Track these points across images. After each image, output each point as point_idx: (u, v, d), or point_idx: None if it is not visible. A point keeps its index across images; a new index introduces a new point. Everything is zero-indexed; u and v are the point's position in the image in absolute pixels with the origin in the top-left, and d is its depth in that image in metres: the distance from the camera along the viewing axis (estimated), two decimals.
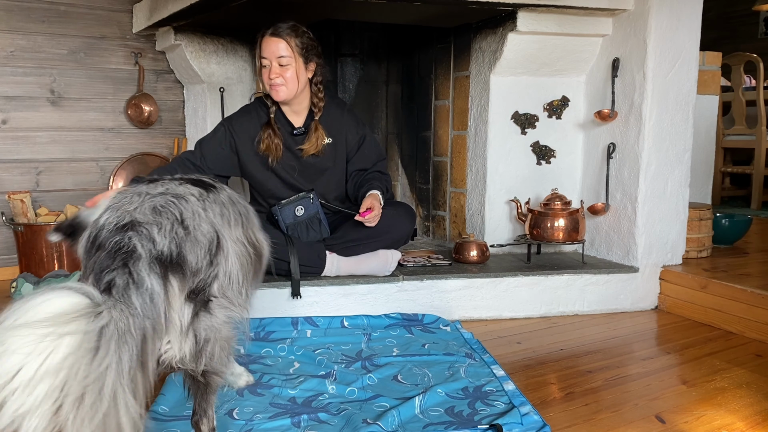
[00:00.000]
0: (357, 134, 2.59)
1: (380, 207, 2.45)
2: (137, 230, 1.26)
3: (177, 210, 1.32)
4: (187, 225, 1.32)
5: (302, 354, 2.11)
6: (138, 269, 1.20)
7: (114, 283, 1.17)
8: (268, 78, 2.39)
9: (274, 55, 2.36)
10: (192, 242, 1.30)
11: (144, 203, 1.32)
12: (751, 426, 1.69)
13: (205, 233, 1.34)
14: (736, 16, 6.68)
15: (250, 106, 2.58)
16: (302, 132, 2.51)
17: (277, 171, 2.52)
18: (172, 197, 1.35)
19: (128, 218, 1.28)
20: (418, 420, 1.67)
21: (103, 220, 1.30)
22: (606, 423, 1.70)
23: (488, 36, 2.88)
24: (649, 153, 2.69)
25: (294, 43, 2.37)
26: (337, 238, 2.52)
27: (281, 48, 2.36)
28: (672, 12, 2.64)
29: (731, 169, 5.12)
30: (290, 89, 2.39)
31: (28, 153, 3.27)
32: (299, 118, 2.53)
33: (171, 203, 1.33)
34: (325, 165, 2.56)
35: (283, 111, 2.51)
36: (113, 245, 1.24)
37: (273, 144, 2.47)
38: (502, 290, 2.60)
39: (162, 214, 1.30)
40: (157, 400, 1.71)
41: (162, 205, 1.32)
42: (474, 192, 3.04)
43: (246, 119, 2.53)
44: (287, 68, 2.37)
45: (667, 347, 2.31)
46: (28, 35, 3.22)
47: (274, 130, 2.48)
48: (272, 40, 2.37)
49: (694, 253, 2.98)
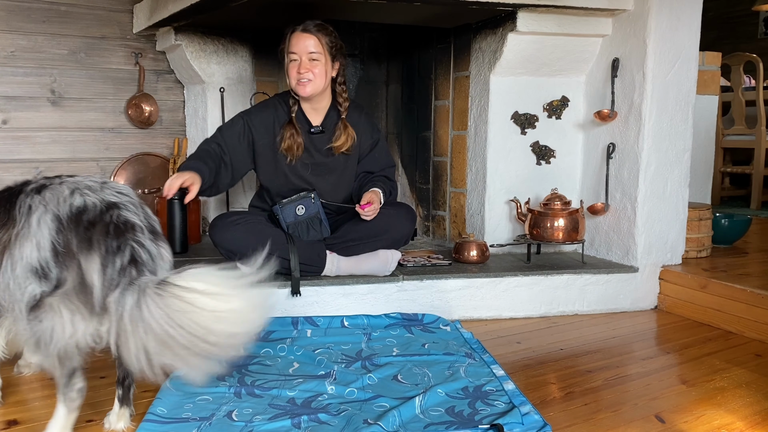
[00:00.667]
0: (371, 138, 2.63)
1: (379, 203, 2.46)
2: (122, 208, 1.46)
3: (129, 192, 1.54)
4: (142, 206, 1.54)
5: (302, 354, 2.11)
6: (143, 239, 1.43)
7: (135, 258, 1.40)
8: (296, 73, 2.41)
9: (305, 50, 2.39)
10: (153, 219, 1.54)
11: (103, 189, 1.51)
12: (751, 426, 1.70)
13: (151, 214, 1.56)
14: (736, 16, 6.68)
15: (269, 102, 2.60)
16: (320, 131, 2.54)
17: (290, 168, 2.54)
18: (115, 184, 1.56)
19: (107, 199, 1.47)
20: (419, 420, 1.67)
21: (79, 202, 1.45)
22: (606, 423, 1.70)
23: (488, 36, 2.88)
24: (648, 153, 2.70)
25: (324, 40, 2.41)
26: (337, 238, 2.53)
27: (311, 44, 2.39)
28: (672, 12, 2.64)
29: (731, 169, 5.12)
30: (317, 85, 2.42)
31: (29, 153, 3.27)
32: (318, 117, 2.55)
33: (122, 187, 1.55)
34: (338, 165, 2.58)
35: (303, 109, 2.53)
36: (115, 220, 1.43)
37: (295, 143, 2.49)
38: (501, 290, 2.61)
39: (126, 197, 1.51)
40: (154, 403, 1.71)
41: (119, 189, 1.53)
42: (474, 192, 3.04)
43: (265, 114, 2.54)
44: (316, 64, 2.40)
45: (667, 347, 2.32)
46: (28, 35, 3.23)
47: (297, 130, 2.50)
48: (303, 36, 2.40)
49: (694, 253, 2.98)
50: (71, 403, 1.48)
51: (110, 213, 1.44)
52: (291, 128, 2.50)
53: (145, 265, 1.41)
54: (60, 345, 1.41)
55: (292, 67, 2.42)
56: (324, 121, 2.55)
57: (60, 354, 1.42)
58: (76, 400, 1.48)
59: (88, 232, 1.40)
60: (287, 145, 2.50)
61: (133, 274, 1.38)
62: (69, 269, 1.39)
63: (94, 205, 1.44)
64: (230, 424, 1.62)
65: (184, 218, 2.88)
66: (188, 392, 1.80)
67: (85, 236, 1.40)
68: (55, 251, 1.39)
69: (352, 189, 2.64)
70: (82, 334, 1.42)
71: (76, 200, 1.44)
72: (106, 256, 1.39)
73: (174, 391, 1.80)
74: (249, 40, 3.35)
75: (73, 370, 1.46)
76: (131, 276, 1.38)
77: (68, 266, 1.39)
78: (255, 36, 3.35)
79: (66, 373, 1.46)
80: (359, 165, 2.63)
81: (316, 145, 2.54)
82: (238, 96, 3.37)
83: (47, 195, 1.46)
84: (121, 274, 1.37)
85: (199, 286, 1.31)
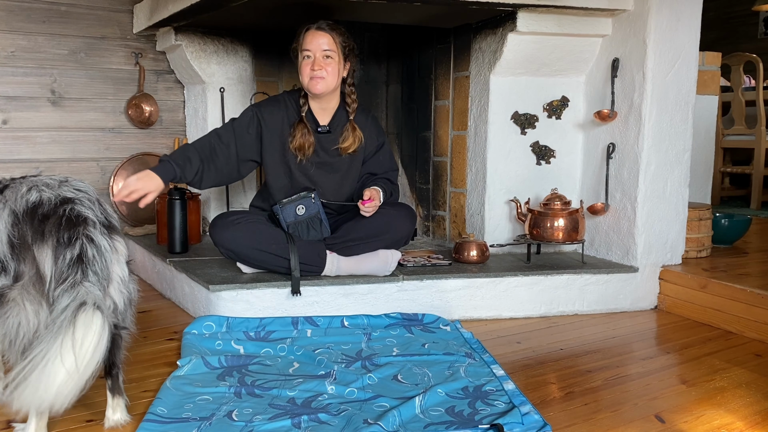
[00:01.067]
0: (377, 140, 2.65)
1: (380, 201, 2.47)
2: (76, 203, 1.50)
3: (87, 189, 1.58)
4: (101, 203, 1.58)
5: (302, 354, 2.11)
6: (95, 233, 1.47)
7: (83, 253, 1.43)
8: (310, 70, 2.42)
9: (320, 48, 2.41)
10: (110, 215, 1.58)
11: (62, 186, 1.55)
12: (751, 425, 1.70)
13: (110, 210, 1.61)
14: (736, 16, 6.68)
15: (279, 97, 2.61)
16: (327, 130, 2.55)
17: (296, 165, 2.55)
18: (76, 182, 1.60)
19: (63, 195, 1.51)
20: (419, 420, 1.67)
21: (35, 197, 1.49)
22: (606, 422, 1.70)
23: (488, 36, 2.88)
24: (648, 153, 2.70)
25: (337, 40, 2.43)
26: (337, 238, 2.53)
27: (326, 42, 2.41)
28: (672, 12, 2.64)
29: (731, 169, 5.12)
30: (329, 83, 2.43)
31: (29, 153, 3.28)
32: (326, 117, 2.56)
33: (82, 185, 1.58)
34: (343, 165, 2.59)
35: (311, 108, 2.54)
36: (68, 213, 1.47)
37: (307, 142, 2.50)
38: (501, 290, 2.61)
39: (84, 193, 1.56)
40: (154, 403, 1.71)
41: (78, 187, 1.57)
42: (474, 192, 3.04)
43: (276, 109, 2.55)
44: (330, 62, 2.42)
45: (667, 347, 2.32)
46: (28, 35, 3.23)
47: (309, 129, 2.51)
48: (318, 34, 2.41)
49: (694, 253, 2.98)
50: None
51: (64, 207, 1.48)
52: (303, 127, 2.51)
53: (90, 264, 1.44)
54: (26, 340, 1.44)
55: (305, 65, 2.43)
56: (331, 121, 2.56)
57: (25, 349, 1.45)
58: None
59: (42, 224, 1.46)
60: (298, 144, 2.50)
61: (78, 276, 1.41)
62: (25, 262, 1.45)
63: (48, 200, 1.49)
64: (230, 424, 1.62)
65: (184, 218, 2.88)
66: (188, 392, 1.80)
67: (38, 228, 1.46)
68: (11, 244, 1.45)
69: (354, 190, 2.64)
70: (43, 326, 1.44)
71: (32, 196, 1.50)
72: (58, 248, 1.44)
73: (174, 391, 1.80)
74: (249, 40, 3.35)
75: None
76: (76, 276, 1.41)
77: (24, 259, 1.45)
78: (255, 36, 3.35)
79: None
80: (363, 166, 2.64)
81: (323, 144, 2.55)
82: (238, 96, 3.37)
83: (7, 193, 1.53)
84: (70, 267, 1.42)
85: None
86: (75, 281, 1.40)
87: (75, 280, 1.40)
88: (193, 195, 3.14)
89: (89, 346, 1.33)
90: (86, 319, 1.34)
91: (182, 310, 2.63)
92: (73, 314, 1.34)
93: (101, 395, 1.81)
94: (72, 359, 1.30)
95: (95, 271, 1.44)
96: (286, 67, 3.41)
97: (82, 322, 1.33)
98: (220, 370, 1.97)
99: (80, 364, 1.31)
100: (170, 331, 2.36)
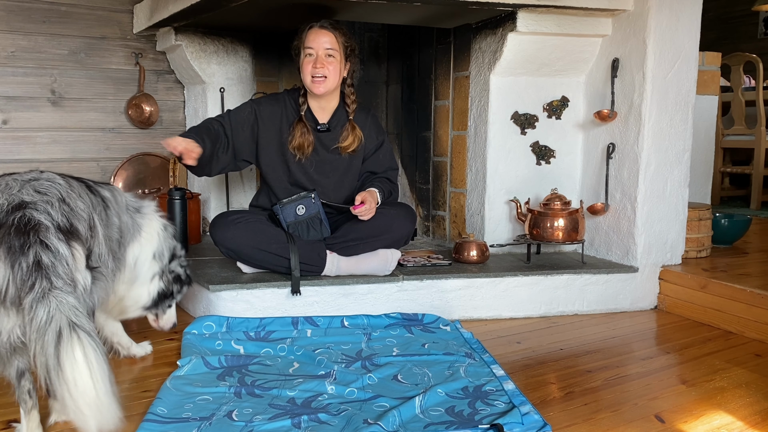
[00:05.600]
0: (376, 139, 2.65)
1: (374, 203, 2.47)
2: (32, 207, 1.43)
3: (56, 190, 1.51)
4: (68, 202, 1.50)
5: (302, 354, 2.11)
6: (49, 239, 1.39)
7: (40, 259, 1.36)
8: (312, 68, 2.43)
9: (322, 46, 2.41)
10: (77, 216, 1.50)
11: (24, 187, 1.48)
12: (751, 425, 1.70)
13: (83, 209, 1.54)
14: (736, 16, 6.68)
15: (279, 96, 2.61)
16: (326, 128, 2.55)
17: (295, 164, 2.55)
18: (45, 181, 1.53)
19: (17, 199, 1.44)
20: (419, 420, 1.67)
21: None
22: (606, 422, 1.70)
23: (488, 36, 2.88)
24: (648, 153, 2.70)
25: (340, 39, 2.44)
26: (337, 238, 2.53)
27: (329, 41, 2.42)
28: (672, 12, 2.64)
29: (730, 169, 5.12)
30: (330, 83, 2.44)
31: (29, 153, 3.28)
32: (325, 115, 2.57)
33: (49, 185, 1.51)
34: (342, 164, 2.59)
35: (310, 107, 2.54)
36: (17, 221, 1.40)
37: (306, 141, 2.51)
38: (501, 290, 2.61)
39: (45, 195, 1.48)
40: (155, 403, 1.72)
41: (44, 187, 1.50)
42: (474, 192, 3.05)
43: (275, 108, 2.55)
44: (332, 61, 2.43)
45: (667, 347, 2.32)
46: (28, 35, 3.23)
47: (308, 128, 2.51)
48: (321, 32, 2.42)
49: (694, 253, 2.98)
50: (24, 405, 1.51)
51: (15, 214, 1.41)
52: (302, 126, 2.51)
53: (49, 269, 1.37)
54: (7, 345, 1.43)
55: (307, 63, 2.44)
56: (331, 119, 2.57)
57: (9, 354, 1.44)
58: (28, 401, 1.51)
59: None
60: (298, 143, 2.51)
61: (45, 283, 1.35)
62: None
63: (0, 206, 1.43)
64: (230, 424, 1.62)
65: (184, 218, 2.88)
66: (188, 392, 1.80)
67: None
68: None
69: (355, 188, 2.64)
70: (8, 332, 1.42)
71: None
72: (11, 256, 1.37)
73: (174, 391, 1.80)
74: (249, 40, 3.35)
75: (21, 371, 1.49)
76: (43, 284, 1.35)
77: None
78: (255, 36, 3.35)
79: (15, 375, 1.48)
80: (363, 165, 2.64)
81: (323, 142, 2.55)
82: (238, 96, 3.37)
83: None
84: (31, 275, 1.36)
85: None
86: (44, 289, 1.34)
87: (43, 288, 1.34)
88: (192, 195, 3.14)
89: (85, 384, 1.28)
90: (68, 354, 1.29)
91: (182, 310, 2.63)
92: (56, 351, 1.29)
93: None
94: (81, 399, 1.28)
95: (59, 275, 1.37)
96: (286, 67, 3.41)
97: (66, 361, 1.28)
98: (220, 370, 1.97)
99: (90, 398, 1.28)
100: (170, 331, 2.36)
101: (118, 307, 1.97)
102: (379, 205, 2.52)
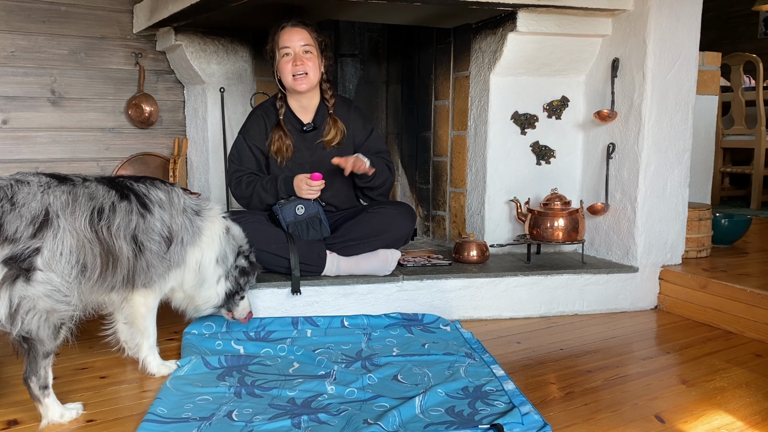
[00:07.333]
0: (364, 129, 2.66)
1: (356, 161, 2.41)
2: None
3: (10, 191, 1.57)
4: (15, 202, 1.56)
5: (302, 354, 2.11)
6: None
7: None
8: (292, 67, 2.44)
9: (298, 44, 2.43)
10: (15, 215, 1.55)
11: None
12: (751, 425, 1.70)
13: (32, 210, 1.57)
14: (736, 16, 6.68)
15: (256, 112, 2.66)
16: (312, 128, 2.56)
17: (290, 168, 2.58)
18: (14, 182, 1.61)
19: None
20: (419, 420, 1.67)
21: None
22: (605, 422, 1.70)
23: (488, 36, 2.88)
24: (648, 153, 2.70)
25: (313, 35, 2.45)
26: (337, 237, 2.53)
27: (304, 37, 2.43)
28: (672, 12, 2.64)
29: (731, 169, 5.12)
30: (312, 79, 2.46)
31: (29, 153, 3.28)
32: (308, 115, 2.58)
33: (9, 186, 1.59)
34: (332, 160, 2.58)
35: (292, 109, 2.55)
36: None
37: (284, 145, 2.54)
38: (501, 290, 2.61)
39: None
40: (155, 403, 1.72)
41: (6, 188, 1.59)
42: (474, 192, 3.04)
43: (259, 123, 2.61)
44: (310, 57, 2.45)
45: (667, 347, 2.32)
46: (28, 35, 3.23)
47: (285, 132, 2.54)
48: (295, 30, 2.43)
49: (694, 253, 2.98)
50: None
51: None
52: (279, 131, 2.55)
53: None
54: None
55: (285, 62, 2.44)
56: (315, 117, 2.58)
57: None
58: None
59: None
60: (276, 148, 2.55)
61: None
62: None
63: None
64: (230, 424, 1.62)
65: None
66: (188, 392, 1.80)
67: None
68: None
69: (350, 183, 2.64)
70: None
71: None
72: None
73: (174, 391, 1.80)
74: (249, 40, 3.35)
75: None
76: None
77: None
78: (255, 36, 3.35)
79: None
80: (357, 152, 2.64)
81: (310, 142, 2.56)
82: (238, 96, 3.37)
83: None
84: None
85: None
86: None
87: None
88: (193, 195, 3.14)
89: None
90: None
91: None
92: None
93: (103, 395, 1.81)
94: None
95: None
96: None
97: None
98: (220, 370, 1.97)
99: None
100: (170, 331, 2.36)
101: (192, 306, 2.08)
102: (375, 176, 2.50)
